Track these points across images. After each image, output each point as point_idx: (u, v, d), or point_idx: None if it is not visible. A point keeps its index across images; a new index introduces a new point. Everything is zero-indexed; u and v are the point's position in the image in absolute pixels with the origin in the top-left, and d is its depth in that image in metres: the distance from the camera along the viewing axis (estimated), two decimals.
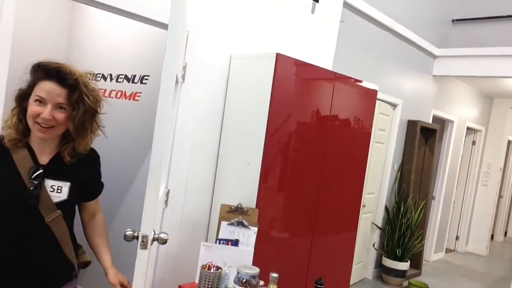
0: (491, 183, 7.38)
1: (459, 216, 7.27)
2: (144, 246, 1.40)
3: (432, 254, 6.40)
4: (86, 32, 3.80)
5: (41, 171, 1.39)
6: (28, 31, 3.79)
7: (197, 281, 2.00)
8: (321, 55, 3.43)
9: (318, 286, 2.16)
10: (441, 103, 5.90)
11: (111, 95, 3.17)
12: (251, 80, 2.63)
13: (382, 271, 5.07)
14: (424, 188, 5.65)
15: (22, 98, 1.39)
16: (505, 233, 9.20)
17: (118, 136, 3.04)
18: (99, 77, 3.36)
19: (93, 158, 1.60)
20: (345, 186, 3.30)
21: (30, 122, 1.36)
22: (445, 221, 6.66)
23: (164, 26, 2.31)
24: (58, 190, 1.43)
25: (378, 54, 4.54)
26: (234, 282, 1.89)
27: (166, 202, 2.48)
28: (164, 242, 1.52)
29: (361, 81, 3.31)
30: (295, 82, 2.65)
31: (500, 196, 8.17)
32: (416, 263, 5.51)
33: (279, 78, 2.51)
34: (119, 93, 3.14)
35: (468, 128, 6.78)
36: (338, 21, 3.53)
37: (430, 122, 5.65)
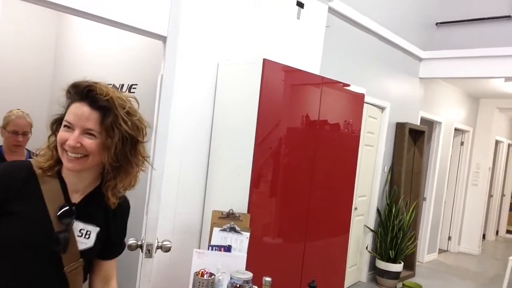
0: (480, 183, 7.46)
1: (451, 216, 7.33)
2: (149, 254, 1.39)
3: (425, 255, 6.44)
4: (73, 44, 3.79)
5: (73, 211, 1.18)
6: (14, 46, 3.78)
7: None
8: (308, 60, 3.47)
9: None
10: (429, 105, 5.98)
11: None
12: (239, 86, 2.65)
13: (376, 273, 5.09)
14: (415, 189, 5.70)
15: (56, 124, 1.19)
16: (497, 232, 9.28)
17: None
18: None
19: (124, 207, 1.34)
20: (336, 190, 3.32)
21: (59, 150, 1.16)
22: (437, 221, 6.71)
23: (155, 36, 2.32)
24: (87, 235, 1.22)
25: (365, 58, 4.60)
26: (228, 287, 1.89)
27: None
28: (167, 250, 1.51)
29: (348, 85, 3.34)
30: (283, 87, 2.67)
31: (490, 196, 8.26)
32: (410, 265, 5.54)
33: (267, 84, 2.53)
34: None
35: (456, 129, 6.86)
36: (324, 26, 3.57)
37: (418, 124, 5.72)
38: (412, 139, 5.67)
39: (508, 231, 9.50)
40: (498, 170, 8.50)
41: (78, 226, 1.19)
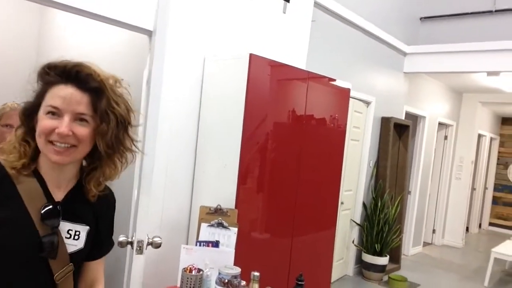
0: (464, 176, 7.58)
1: (435, 209, 7.44)
2: (140, 251, 1.37)
3: (410, 248, 6.53)
4: (56, 39, 3.72)
5: (58, 210, 1.05)
6: None
7: (178, 284, 1.98)
8: (294, 54, 3.46)
9: (299, 282, 2.17)
10: (413, 100, 6.04)
11: None
12: (226, 81, 2.63)
13: (362, 267, 5.14)
14: (400, 183, 5.76)
15: (29, 113, 1.04)
16: (480, 225, 9.46)
17: None
18: None
19: (111, 201, 1.22)
20: (322, 184, 3.33)
21: (41, 142, 1.00)
22: (421, 215, 6.81)
23: (141, 30, 2.29)
24: (76, 236, 1.08)
25: (350, 52, 4.62)
26: (216, 283, 1.88)
27: None
28: (158, 246, 1.49)
29: (334, 80, 3.35)
30: (269, 82, 2.66)
31: (473, 189, 8.40)
32: (395, 258, 5.61)
33: (253, 79, 2.52)
34: None
35: (440, 123, 6.96)
36: (310, 20, 3.57)
37: (403, 118, 5.77)
38: (397, 134, 5.73)
39: (490, 224, 9.68)
40: (480, 163, 8.65)
41: (65, 227, 1.06)
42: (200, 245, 2.10)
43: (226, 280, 1.85)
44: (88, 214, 1.13)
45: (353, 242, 5.08)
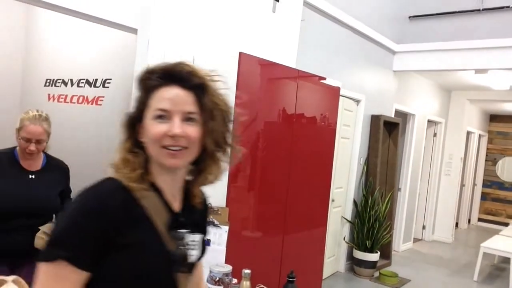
0: (453, 173, 7.66)
1: (425, 206, 7.52)
2: None
3: (400, 244, 6.59)
4: (43, 37, 3.70)
5: (182, 222, 1.02)
6: None
7: None
8: (284, 53, 3.48)
9: (290, 279, 2.19)
10: (402, 98, 6.09)
11: (73, 101, 3.11)
12: (216, 79, 2.63)
13: (353, 263, 5.18)
14: (390, 180, 5.81)
15: (133, 122, 0.99)
16: (469, 221, 9.57)
17: (83, 142, 2.98)
18: (59, 82, 3.28)
19: (206, 200, 1.19)
20: (313, 182, 3.35)
21: (154, 149, 0.95)
22: (411, 211, 6.87)
23: (129, 29, 2.29)
24: (195, 246, 1.06)
25: (340, 51, 4.64)
26: (207, 281, 1.89)
27: None
28: None
29: (324, 78, 3.38)
30: (259, 81, 2.68)
31: (462, 185, 8.49)
32: (386, 254, 5.66)
33: (243, 77, 2.53)
34: (81, 98, 3.08)
35: (429, 121, 7.02)
36: (300, 20, 3.58)
37: (393, 116, 5.82)
38: (387, 131, 5.78)
39: (479, 219, 9.80)
40: (469, 160, 8.75)
41: (187, 238, 1.03)
42: None
43: (218, 278, 1.86)
44: (200, 221, 1.12)
45: (344, 239, 5.12)
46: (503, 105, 8.20)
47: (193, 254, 1.05)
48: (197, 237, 1.06)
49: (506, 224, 7.75)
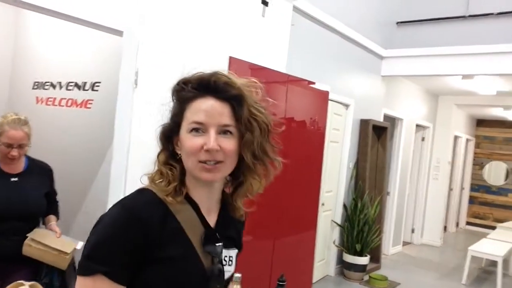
0: (441, 177, 7.74)
1: (414, 209, 7.58)
2: None
3: (390, 247, 6.62)
4: (32, 40, 3.67)
5: (218, 237, 1.00)
6: None
7: None
8: (274, 58, 3.50)
9: (280, 283, 2.19)
10: (391, 102, 6.15)
11: (61, 104, 3.09)
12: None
13: (343, 267, 5.20)
14: (379, 184, 5.85)
15: (169, 135, 0.98)
16: (457, 224, 9.66)
17: (71, 146, 2.96)
18: (47, 85, 3.26)
19: (245, 217, 1.16)
20: (303, 186, 3.37)
21: (190, 163, 0.93)
22: (400, 215, 6.92)
23: (117, 32, 2.29)
24: (230, 261, 1.03)
25: (329, 56, 4.68)
26: None
27: None
28: None
29: (314, 83, 3.41)
30: None
31: (450, 189, 8.58)
32: (376, 257, 5.69)
33: None
34: (70, 101, 3.06)
35: (417, 125, 7.10)
36: (289, 24, 3.61)
37: (381, 120, 5.87)
38: (376, 135, 5.83)
39: (467, 223, 9.90)
40: (457, 164, 8.84)
41: (223, 253, 1.01)
42: None
43: None
44: (236, 236, 1.09)
45: (334, 242, 5.14)
46: (490, 110, 8.32)
47: (228, 270, 1.02)
48: (232, 252, 1.04)
49: (493, 228, 7.82)
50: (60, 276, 2.18)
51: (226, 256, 1.02)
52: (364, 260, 5.11)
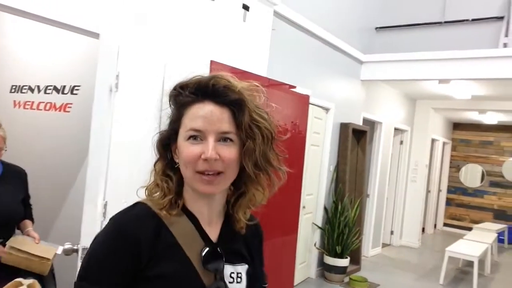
0: (419, 179, 7.89)
1: (392, 211, 7.69)
2: None
3: (369, 249, 6.71)
4: (9, 43, 3.61)
5: (220, 252, 0.92)
6: None
7: None
8: (255, 62, 3.53)
9: (262, 286, 2.20)
10: (370, 106, 6.25)
11: (40, 107, 3.05)
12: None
13: (324, 269, 5.25)
14: (358, 187, 5.93)
15: (167, 142, 0.92)
16: (435, 225, 9.84)
17: (50, 150, 2.92)
18: (25, 89, 3.21)
19: (259, 230, 1.10)
20: (284, 189, 3.39)
21: (188, 173, 0.88)
22: (380, 217, 7.03)
23: (94, 35, 2.27)
24: (238, 278, 0.95)
25: (310, 61, 4.74)
26: None
27: (104, 214, 2.41)
28: None
29: (294, 87, 3.44)
30: None
31: (428, 191, 8.75)
32: (356, 259, 5.75)
33: None
34: (48, 105, 3.02)
35: (395, 129, 7.23)
36: (270, 29, 3.65)
37: (361, 124, 5.96)
38: (356, 139, 5.91)
39: (445, 224, 10.10)
40: (434, 167, 9.03)
41: (226, 270, 0.92)
42: None
43: None
44: (243, 250, 1.00)
45: (315, 245, 5.18)
46: (466, 113, 8.54)
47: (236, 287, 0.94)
48: (240, 268, 0.96)
49: (470, 229, 8.01)
50: (41, 282, 2.15)
51: (232, 273, 0.94)
52: (344, 262, 5.17)
